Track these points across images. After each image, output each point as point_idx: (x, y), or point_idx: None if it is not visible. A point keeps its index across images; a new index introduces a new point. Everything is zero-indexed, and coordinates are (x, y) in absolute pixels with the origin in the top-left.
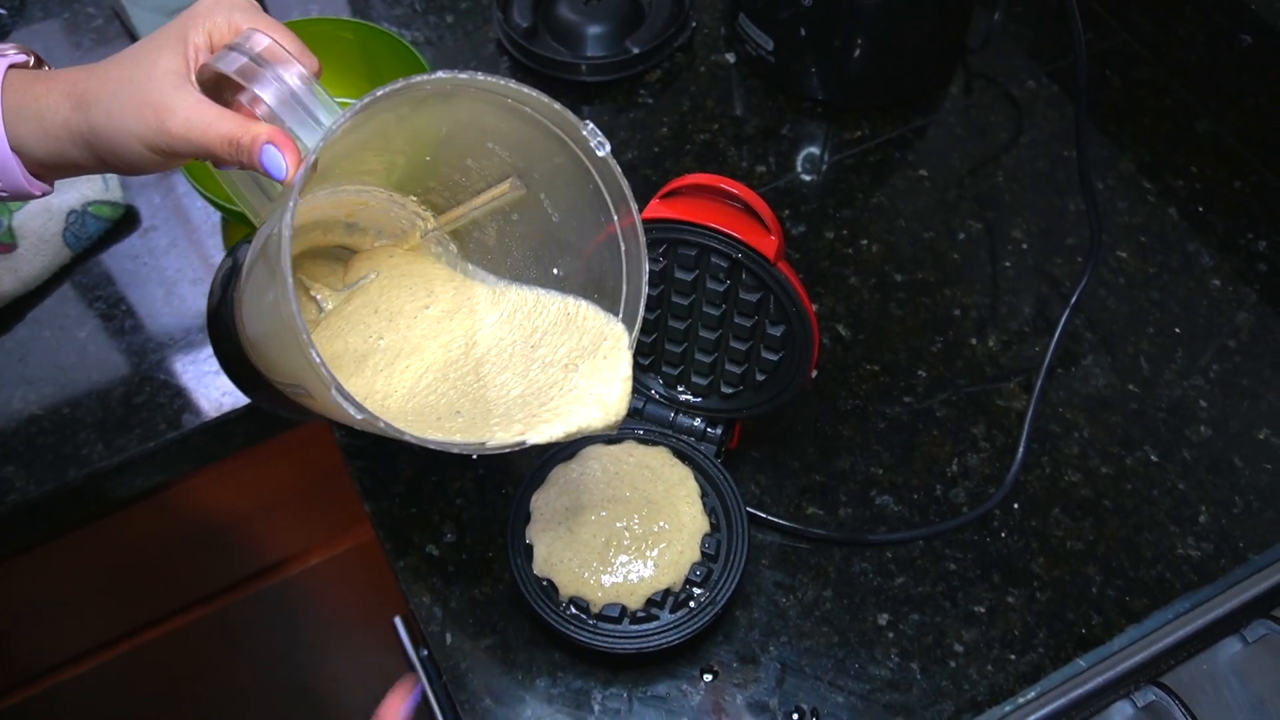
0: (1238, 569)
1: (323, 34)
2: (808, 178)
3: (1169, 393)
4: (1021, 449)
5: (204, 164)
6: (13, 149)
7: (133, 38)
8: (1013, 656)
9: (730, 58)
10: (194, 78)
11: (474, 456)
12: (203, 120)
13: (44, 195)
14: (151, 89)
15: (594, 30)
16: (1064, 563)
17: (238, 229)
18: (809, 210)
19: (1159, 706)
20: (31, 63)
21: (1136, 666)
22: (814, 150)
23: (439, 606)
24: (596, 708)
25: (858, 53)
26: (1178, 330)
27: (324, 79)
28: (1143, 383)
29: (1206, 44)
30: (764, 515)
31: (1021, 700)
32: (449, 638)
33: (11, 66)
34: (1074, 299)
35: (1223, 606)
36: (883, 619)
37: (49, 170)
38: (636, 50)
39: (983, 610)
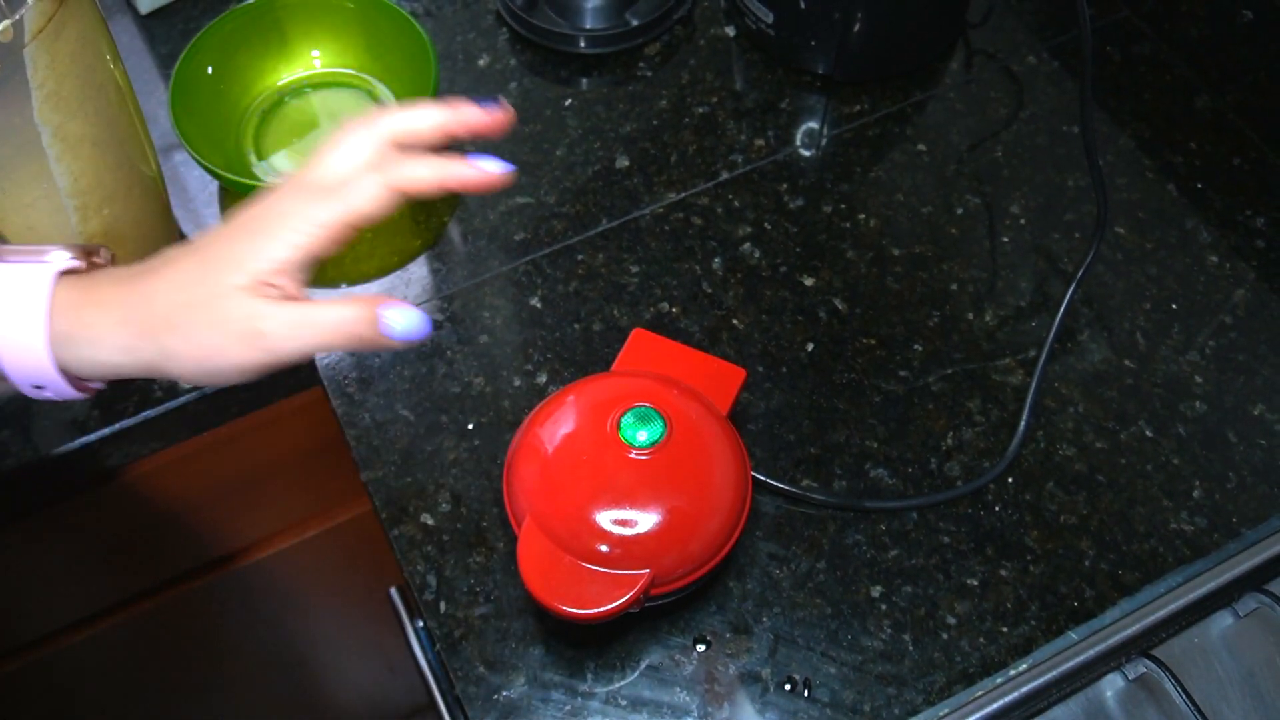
0: (1230, 543)
1: (324, 4)
2: (806, 152)
3: (1165, 368)
4: (1023, 423)
5: (199, 131)
6: (60, 370)
7: (134, 10)
8: (1005, 629)
9: (730, 31)
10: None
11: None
12: (307, 322)
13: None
14: (234, 312)
15: (593, 2)
16: (1057, 536)
17: (235, 197)
18: (807, 184)
19: (1150, 679)
20: (84, 266)
21: (1128, 639)
22: (813, 124)
23: (433, 575)
24: (590, 675)
25: (858, 27)
26: (1174, 306)
27: (324, 50)
28: (1139, 358)
29: (1207, 20)
30: (761, 477)
31: (1013, 672)
32: (443, 606)
33: (65, 273)
34: (1079, 275)
35: (1215, 580)
36: (875, 591)
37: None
38: (636, 23)
39: (975, 583)
